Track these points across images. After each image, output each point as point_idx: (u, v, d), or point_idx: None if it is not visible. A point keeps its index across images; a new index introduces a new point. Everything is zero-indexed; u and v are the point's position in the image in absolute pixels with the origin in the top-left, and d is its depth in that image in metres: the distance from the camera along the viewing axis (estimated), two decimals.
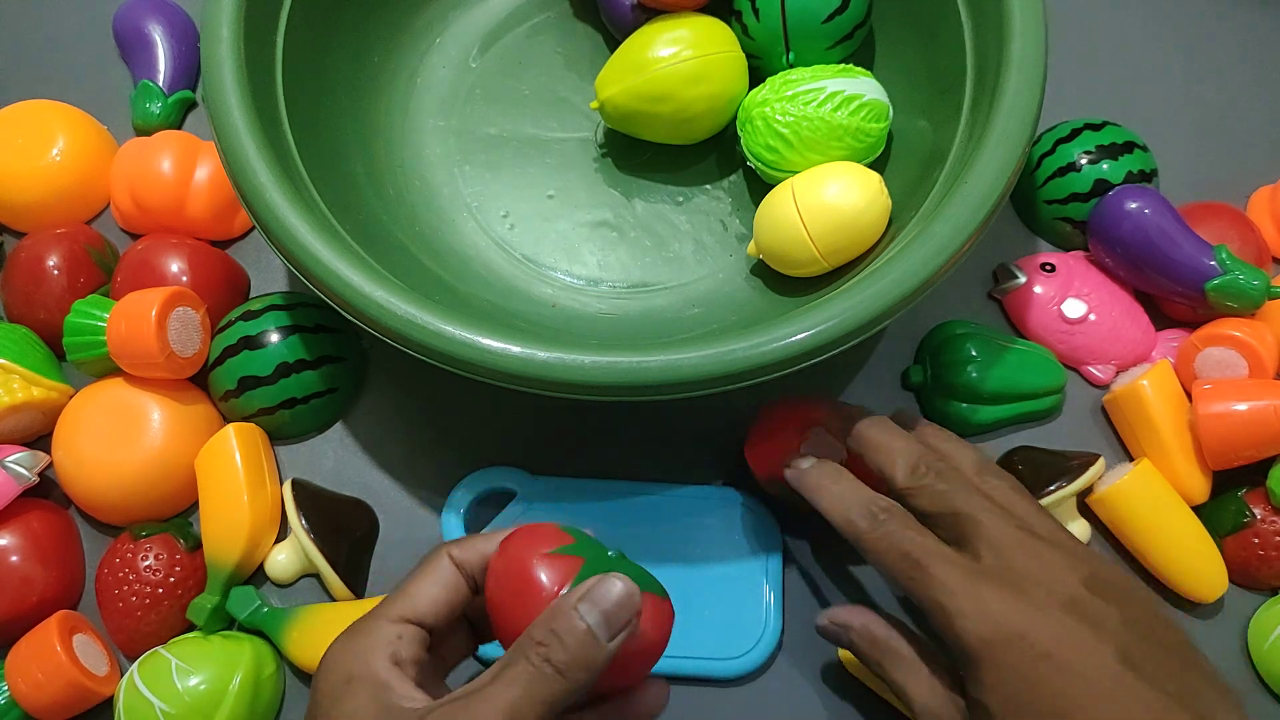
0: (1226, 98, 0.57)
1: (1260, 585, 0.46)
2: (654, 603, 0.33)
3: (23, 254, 0.50)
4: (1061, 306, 0.50)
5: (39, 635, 0.43)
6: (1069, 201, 0.51)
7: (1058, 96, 0.46)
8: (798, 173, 0.46)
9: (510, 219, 0.51)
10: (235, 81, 0.41)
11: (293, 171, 0.43)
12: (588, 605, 0.31)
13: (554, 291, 0.50)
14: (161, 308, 0.45)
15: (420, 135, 0.53)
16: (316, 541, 0.45)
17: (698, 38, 0.48)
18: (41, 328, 0.49)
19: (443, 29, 0.55)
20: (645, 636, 0.32)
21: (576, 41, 0.55)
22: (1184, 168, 0.54)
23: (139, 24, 0.57)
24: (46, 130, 0.53)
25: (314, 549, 0.45)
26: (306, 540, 0.45)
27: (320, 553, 0.45)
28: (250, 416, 0.48)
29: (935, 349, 0.49)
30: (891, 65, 0.50)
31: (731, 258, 0.50)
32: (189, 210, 0.51)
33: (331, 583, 0.45)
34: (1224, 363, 0.47)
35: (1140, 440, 0.48)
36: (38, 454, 0.47)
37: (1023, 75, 0.41)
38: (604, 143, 0.53)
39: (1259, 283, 0.47)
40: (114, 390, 0.47)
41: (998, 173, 0.39)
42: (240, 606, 0.45)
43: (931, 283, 0.38)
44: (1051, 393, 0.49)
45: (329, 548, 0.45)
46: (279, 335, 0.47)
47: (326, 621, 0.44)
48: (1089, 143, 0.51)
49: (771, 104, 0.46)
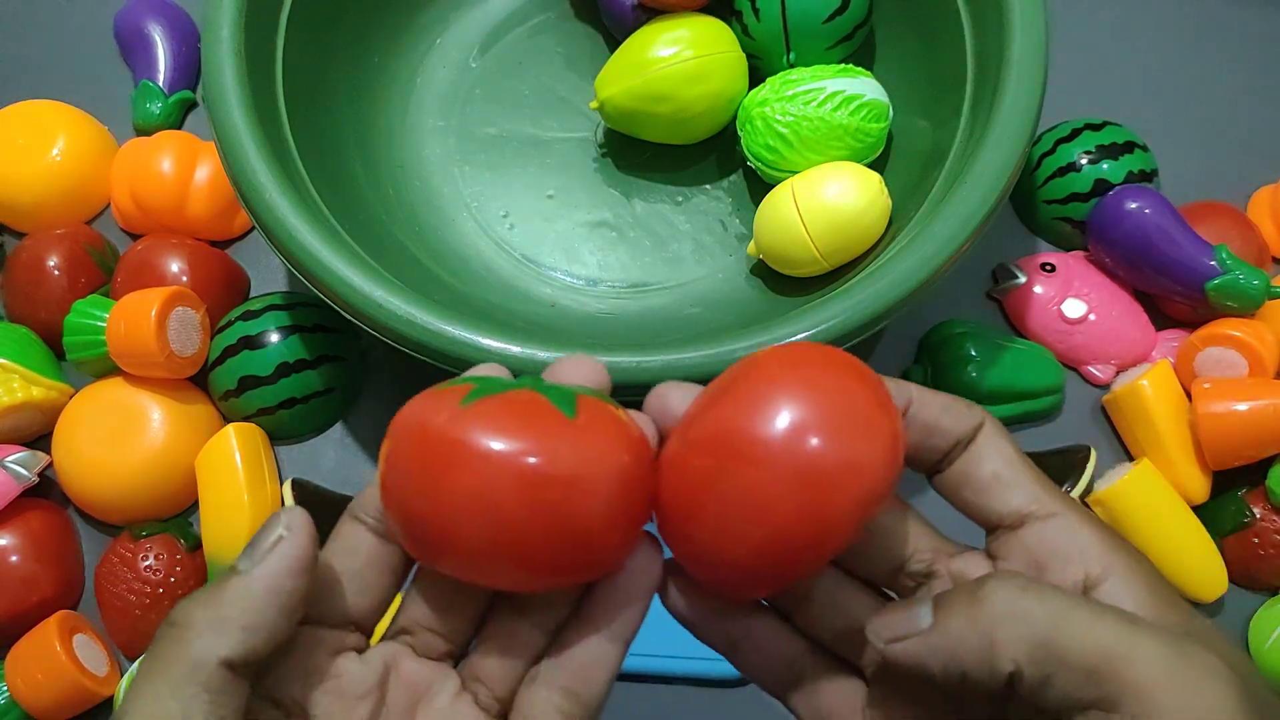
0: (1227, 98, 0.57)
1: (1260, 585, 0.46)
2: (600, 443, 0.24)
3: (23, 254, 0.50)
4: (1061, 306, 0.50)
5: (39, 635, 0.43)
6: (1069, 201, 0.51)
7: (1058, 96, 0.46)
8: (798, 173, 0.46)
9: (510, 219, 0.51)
10: (236, 82, 0.41)
11: (292, 172, 0.43)
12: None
13: (553, 291, 0.50)
14: (161, 308, 0.45)
15: (420, 135, 0.53)
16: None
17: (698, 38, 0.48)
18: (41, 328, 0.49)
19: (443, 29, 0.55)
20: (587, 492, 0.23)
21: (576, 41, 0.55)
22: (1184, 168, 0.54)
23: (140, 24, 0.57)
24: (47, 130, 0.53)
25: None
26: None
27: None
28: (250, 416, 0.48)
29: (935, 348, 0.49)
30: (891, 65, 0.50)
31: (731, 258, 0.50)
32: (189, 210, 0.51)
33: None
34: (1224, 362, 0.47)
35: (1140, 440, 0.48)
36: (37, 454, 0.47)
37: (1023, 75, 0.41)
38: (604, 143, 0.53)
39: (1259, 283, 0.47)
40: (114, 390, 0.47)
41: (998, 172, 0.39)
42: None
43: (931, 282, 0.38)
44: (1051, 392, 0.49)
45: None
46: (279, 335, 0.47)
47: None
48: (1089, 142, 0.51)
49: (771, 104, 0.46)
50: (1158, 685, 0.21)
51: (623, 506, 0.24)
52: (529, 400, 0.24)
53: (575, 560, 0.24)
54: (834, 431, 0.23)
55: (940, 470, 0.26)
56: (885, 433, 0.23)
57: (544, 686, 0.25)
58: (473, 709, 0.26)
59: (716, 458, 0.23)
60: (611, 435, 0.24)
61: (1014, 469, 0.25)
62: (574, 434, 0.23)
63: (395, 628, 0.27)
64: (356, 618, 0.26)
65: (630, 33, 0.50)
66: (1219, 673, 0.21)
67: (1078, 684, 0.21)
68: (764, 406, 0.23)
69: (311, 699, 0.25)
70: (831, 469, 0.23)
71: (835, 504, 0.23)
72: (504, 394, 0.24)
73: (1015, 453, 0.26)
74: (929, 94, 0.47)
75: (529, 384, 0.25)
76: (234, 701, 0.23)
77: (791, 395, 0.23)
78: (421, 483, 0.23)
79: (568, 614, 0.26)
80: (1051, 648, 0.21)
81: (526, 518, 0.23)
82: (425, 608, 0.26)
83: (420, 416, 0.24)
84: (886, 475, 0.23)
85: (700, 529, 0.24)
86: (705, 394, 0.25)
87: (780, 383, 0.23)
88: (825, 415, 0.23)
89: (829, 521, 0.23)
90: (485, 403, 0.24)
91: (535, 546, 0.23)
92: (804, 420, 0.23)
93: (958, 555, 0.26)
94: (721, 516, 0.23)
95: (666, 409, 0.25)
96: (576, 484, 0.23)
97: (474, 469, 0.23)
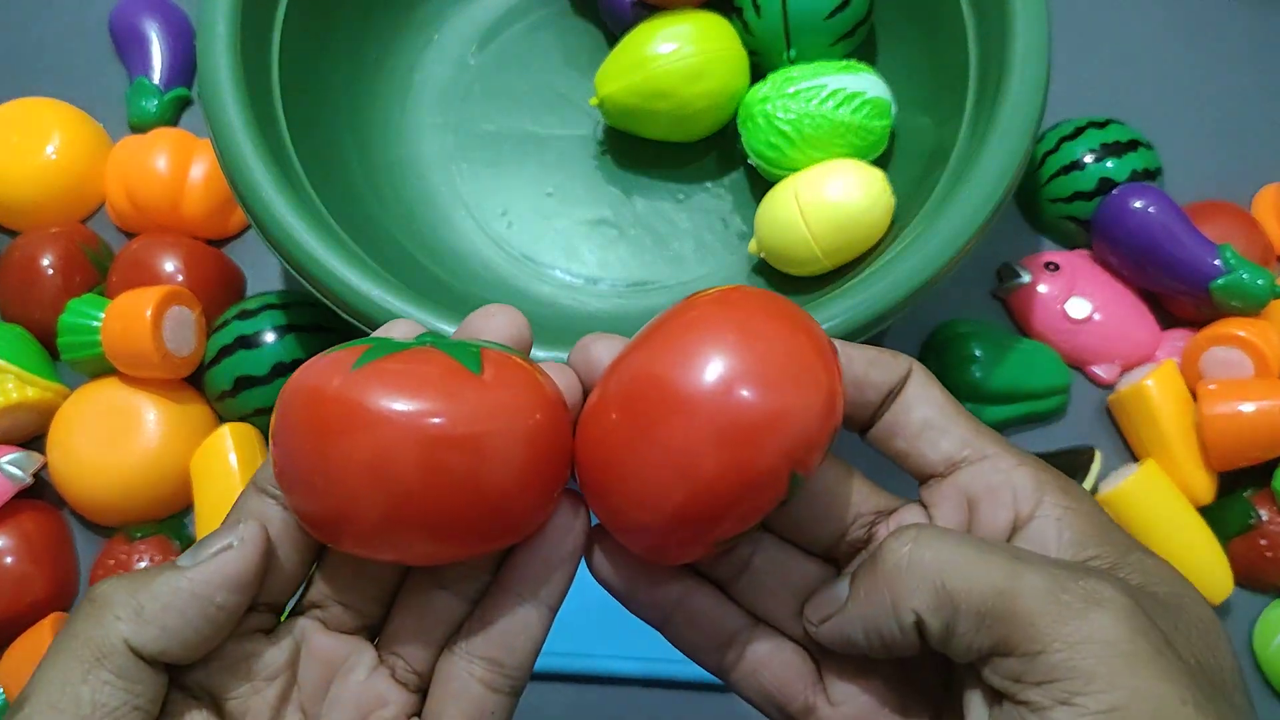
0: (1232, 96, 0.57)
1: (1266, 587, 0.46)
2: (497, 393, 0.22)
3: (17, 253, 0.50)
4: (1065, 306, 0.49)
5: (33, 638, 0.43)
6: (1073, 200, 0.51)
7: (1062, 94, 0.46)
8: (799, 170, 0.46)
9: (508, 217, 0.51)
10: (231, 79, 0.41)
11: (289, 169, 0.42)
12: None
13: (553, 290, 0.49)
14: (157, 307, 0.44)
15: (418, 132, 0.52)
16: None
17: (698, 34, 0.47)
18: (36, 327, 0.49)
19: (440, 25, 0.54)
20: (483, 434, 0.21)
21: (576, 38, 0.55)
22: (1189, 166, 0.54)
23: (135, 21, 0.57)
24: (41, 128, 0.52)
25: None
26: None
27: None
28: (246, 416, 0.48)
29: (939, 348, 0.49)
30: (894, 62, 0.50)
31: (732, 256, 0.50)
32: (184, 208, 0.51)
33: None
34: (1229, 363, 0.47)
35: (1145, 441, 0.47)
36: (32, 454, 0.46)
37: (1026, 72, 0.40)
38: (603, 140, 0.53)
39: (1263, 282, 0.46)
40: (109, 390, 0.47)
41: (1001, 170, 0.39)
42: None
43: (934, 282, 0.38)
44: (1056, 393, 0.49)
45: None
46: (275, 335, 0.47)
47: None
48: (1093, 140, 0.51)
49: (773, 101, 0.46)
50: (1042, 618, 0.20)
51: (536, 467, 0.22)
52: (429, 357, 0.22)
53: (486, 526, 0.22)
54: (760, 378, 0.21)
55: (872, 424, 0.25)
56: (818, 382, 0.22)
57: (464, 657, 0.24)
58: (390, 683, 0.25)
59: (636, 408, 0.22)
60: (521, 391, 0.22)
61: (944, 415, 0.25)
62: (479, 391, 0.22)
63: (305, 601, 0.25)
64: (266, 599, 0.24)
65: (629, 29, 0.49)
66: (1106, 600, 0.20)
67: (974, 629, 0.21)
68: (687, 352, 0.22)
69: (219, 684, 0.24)
70: (759, 418, 0.21)
71: (763, 456, 0.21)
72: (402, 353, 0.22)
73: (945, 398, 0.25)
74: (931, 91, 0.47)
75: (430, 341, 0.23)
76: (150, 692, 0.22)
77: (717, 340, 0.22)
78: (312, 454, 0.21)
79: (488, 580, 0.25)
80: (943, 594, 0.21)
81: (429, 484, 0.21)
82: (335, 578, 0.25)
83: (309, 381, 0.22)
84: (821, 426, 0.22)
85: (620, 487, 0.22)
86: (631, 343, 0.24)
87: (706, 327, 0.22)
88: (752, 360, 0.21)
89: (756, 475, 0.21)
90: (381, 363, 0.22)
91: (441, 515, 0.21)
92: (728, 365, 0.21)
93: (895, 512, 0.25)
94: (641, 473, 0.22)
95: (590, 362, 0.24)
96: (483, 443, 0.21)
97: (368, 435, 0.21)
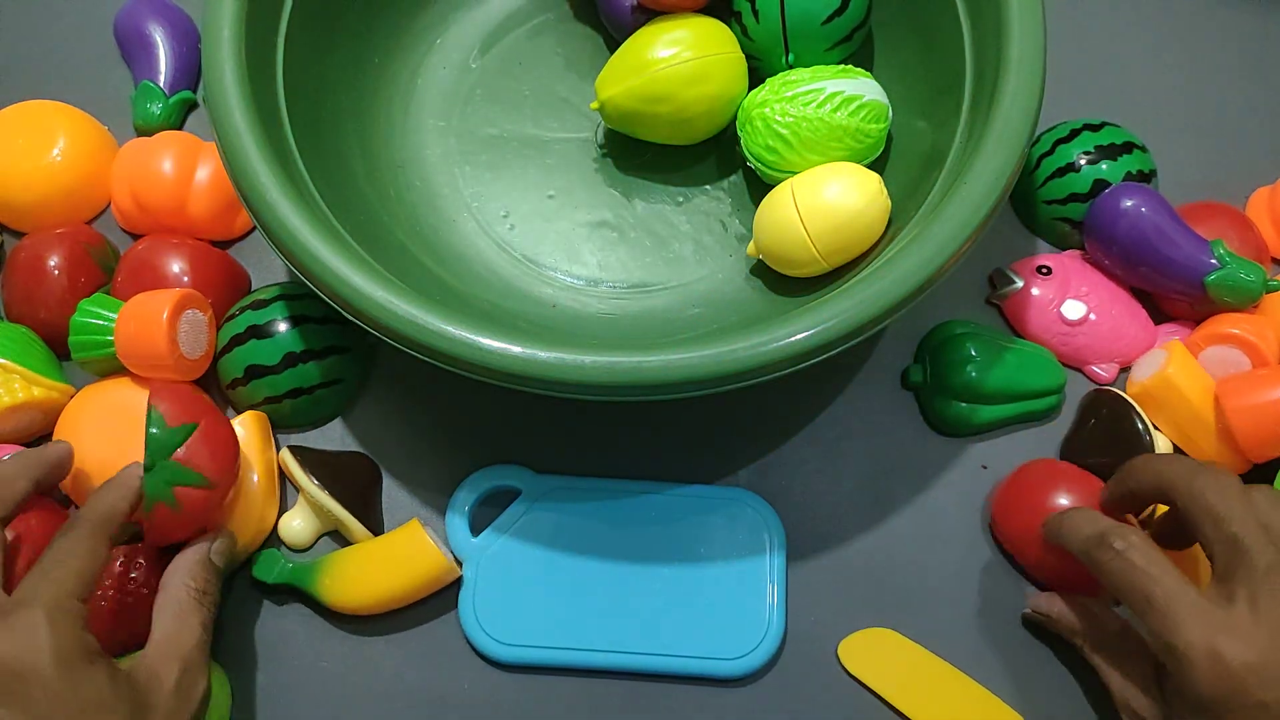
0: (1226, 99, 0.57)
1: None
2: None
3: (23, 254, 0.50)
4: (1061, 308, 0.50)
5: None
6: (1068, 202, 0.51)
7: (1057, 97, 0.46)
8: (797, 173, 0.46)
9: (510, 219, 0.52)
10: (236, 82, 0.41)
11: (293, 172, 0.43)
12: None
13: (554, 292, 0.50)
14: (173, 310, 0.45)
15: (420, 136, 0.53)
16: (332, 494, 0.45)
17: (697, 39, 0.48)
18: (42, 327, 0.49)
19: (443, 30, 0.55)
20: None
21: (576, 42, 0.55)
22: (1183, 168, 0.54)
23: (140, 25, 0.57)
24: (48, 130, 0.53)
25: (331, 501, 0.45)
26: (322, 495, 0.45)
27: (338, 502, 0.45)
28: (256, 405, 0.48)
29: (935, 348, 0.49)
30: (891, 66, 0.51)
31: (731, 258, 0.50)
32: (190, 210, 0.51)
33: (353, 528, 0.46)
34: (1227, 361, 0.47)
35: (1182, 426, 0.47)
36: None
37: (1022, 76, 0.41)
38: (604, 143, 0.53)
39: (1256, 276, 0.47)
40: (117, 390, 0.47)
41: (997, 173, 0.39)
42: (268, 569, 0.45)
43: (931, 283, 0.39)
44: (1052, 393, 0.49)
45: (344, 497, 0.46)
46: (287, 325, 0.48)
47: (356, 561, 0.45)
48: (1088, 143, 0.51)
49: (771, 105, 0.46)
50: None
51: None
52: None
53: None
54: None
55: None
56: None
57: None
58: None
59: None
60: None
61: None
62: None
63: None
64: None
65: (630, 33, 0.50)
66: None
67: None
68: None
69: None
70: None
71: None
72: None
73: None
74: (928, 95, 0.48)
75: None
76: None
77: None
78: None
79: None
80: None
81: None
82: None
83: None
84: None
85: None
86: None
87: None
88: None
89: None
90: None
91: None
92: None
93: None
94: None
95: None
96: None
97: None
